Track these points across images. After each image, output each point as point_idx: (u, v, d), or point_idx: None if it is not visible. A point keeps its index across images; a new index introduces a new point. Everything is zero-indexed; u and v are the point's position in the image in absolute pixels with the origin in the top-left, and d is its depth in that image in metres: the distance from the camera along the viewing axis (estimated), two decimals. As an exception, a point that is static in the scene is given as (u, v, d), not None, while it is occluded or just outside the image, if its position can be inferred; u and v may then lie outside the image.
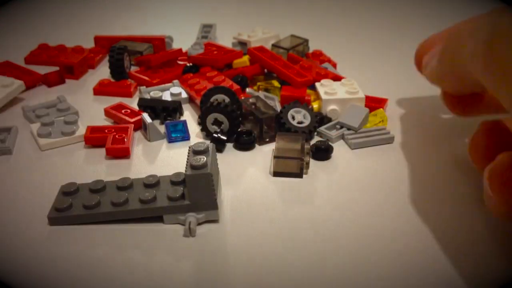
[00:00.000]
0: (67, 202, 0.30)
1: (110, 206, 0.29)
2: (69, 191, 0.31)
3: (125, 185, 0.31)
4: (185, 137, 0.39)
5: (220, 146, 0.37)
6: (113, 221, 0.30)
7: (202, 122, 0.38)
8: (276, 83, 0.45)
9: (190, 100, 0.44)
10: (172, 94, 0.44)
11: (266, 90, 0.44)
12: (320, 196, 0.33)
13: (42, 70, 0.49)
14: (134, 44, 0.52)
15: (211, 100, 0.39)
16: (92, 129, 0.38)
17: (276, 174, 0.35)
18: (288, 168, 0.34)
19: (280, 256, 0.28)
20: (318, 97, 0.42)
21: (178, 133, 0.39)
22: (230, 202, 0.32)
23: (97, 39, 0.54)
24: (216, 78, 0.44)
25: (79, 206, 0.30)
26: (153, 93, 0.44)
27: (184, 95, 0.44)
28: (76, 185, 0.31)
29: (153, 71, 0.48)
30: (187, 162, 0.29)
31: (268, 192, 0.33)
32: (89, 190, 0.31)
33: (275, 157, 0.34)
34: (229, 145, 0.38)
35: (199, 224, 0.30)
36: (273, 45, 0.52)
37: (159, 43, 0.53)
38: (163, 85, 0.46)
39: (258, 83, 0.45)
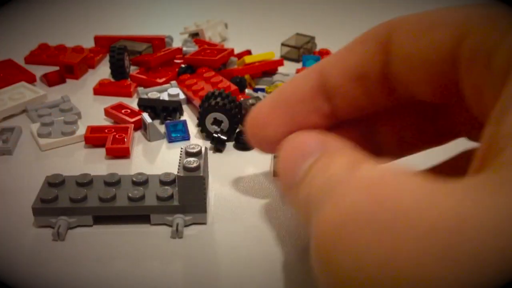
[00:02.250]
0: (53, 193, 0.29)
1: (97, 201, 0.29)
2: (54, 182, 0.30)
3: (113, 181, 0.30)
4: (185, 137, 0.39)
5: (220, 145, 0.37)
6: (97, 223, 0.29)
7: (201, 124, 0.38)
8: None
9: (188, 101, 0.44)
10: (170, 95, 0.44)
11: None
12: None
13: (42, 70, 0.49)
14: (133, 43, 0.52)
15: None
16: (92, 129, 0.38)
17: (276, 174, 0.35)
18: None
19: (279, 258, 0.28)
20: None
21: (178, 133, 0.39)
22: (230, 202, 0.32)
23: (97, 39, 0.54)
24: (213, 79, 0.44)
25: (65, 199, 0.29)
26: (151, 94, 0.44)
27: (182, 96, 0.44)
28: (62, 177, 0.30)
29: (154, 71, 0.48)
30: (179, 163, 0.29)
31: (268, 192, 0.33)
32: (75, 183, 0.30)
33: (275, 156, 0.34)
34: (229, 145, 0.38)
35: (186, 226, 0.29)
36: (282, 44, 0.53)
37: (159, 43, 0.53)
38: (160, 86, 0.46)
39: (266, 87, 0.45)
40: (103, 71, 0.50)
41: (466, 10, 0.21)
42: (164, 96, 0.44)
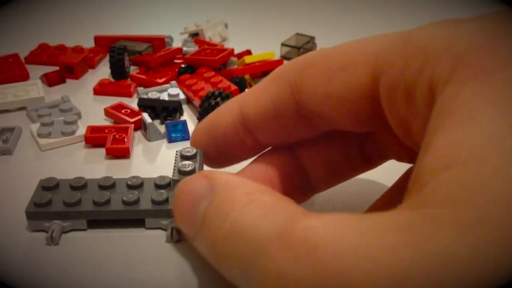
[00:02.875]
0: (47, 197, 0.29)
1: (92, 205, 0.29)
2: (48, 186, 0.30)
3: (107, 185, 0.30)
4: (185, 137, 0.39)
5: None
6: (91, 227, 0.29)
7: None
8: None
9: (188, 101, 0.44)
10: (170, 95, 0.44)
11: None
12: (321, 195, 0.33)
13: (42, 70, 0.49)
14: (133, 43, 0.52)
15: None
16: (92, 129, 0.38)
17: None
18: None
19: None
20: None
21: (178, 133, 0.39)
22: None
23: (97, 39, 0.54)
24: (213, 79, 0.44)
25: (59, 202, 0.29)
26: (151, 94, 0.44)
27: (182, 96, 0.44)
28: (56, 180, 0.30)
29: (154, 71, 0.48)
30: (174, 166, 0.29)
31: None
32: (69, 187, 0.30)
33: None
34: (229, 145, 0.38)
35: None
36: (282, 44, 0.53)
37: (159, 43, 0.53)
38: (160, 86, 0.46)
39: None
40: (103, 71, 0.50)
41: (377, 45, 0.20)
42: (164, 96, 0.44)
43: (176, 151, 0.29)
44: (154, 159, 0.37)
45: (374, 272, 0.13)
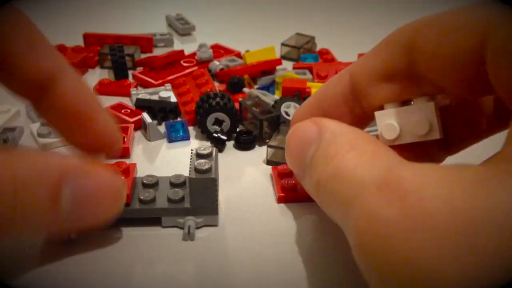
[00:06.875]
0: None
1: None
2: None
3: None
4: (185, 137, 0.39)
5: (220, 146, 0.37)
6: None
7: (202, 124, 0.38)
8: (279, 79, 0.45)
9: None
10: (160, 98, 0.43)
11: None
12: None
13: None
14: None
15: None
16: (92, 129, 0.38)
17: (269, 162, 0.35)
18: (283, 159, 0.34)
19: (282, 258, 0.28)
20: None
21: (178, 133, 0.39)
22: (229, 202, 0.32)
23: (86, 37, 0.54)
24: (204, 87, 0.44)
25: None
26: (142, 95, 0.43)
27: (173, 99, 0.43)
28: None
29: (156, 72, 0.48)
30: (190, 165, 0.29)
31: (268, 192, 0.33)
32: None
33: (269, 146, 0.35)
34: (229, 145, 0.38)
35: (197, 228, 0.29)
36: (282, 44, 0.53)
37: (145, 43, 0.53)
38: (153, 88, 0.45)
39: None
40: (103, 71, 0.50)
41: (486, 10, 0.21)
42: (155, 98, 0.44)
43: (192, 150, 0.30)
44: (154, 159, 0.37)
45: (452, 216, 0.15)
